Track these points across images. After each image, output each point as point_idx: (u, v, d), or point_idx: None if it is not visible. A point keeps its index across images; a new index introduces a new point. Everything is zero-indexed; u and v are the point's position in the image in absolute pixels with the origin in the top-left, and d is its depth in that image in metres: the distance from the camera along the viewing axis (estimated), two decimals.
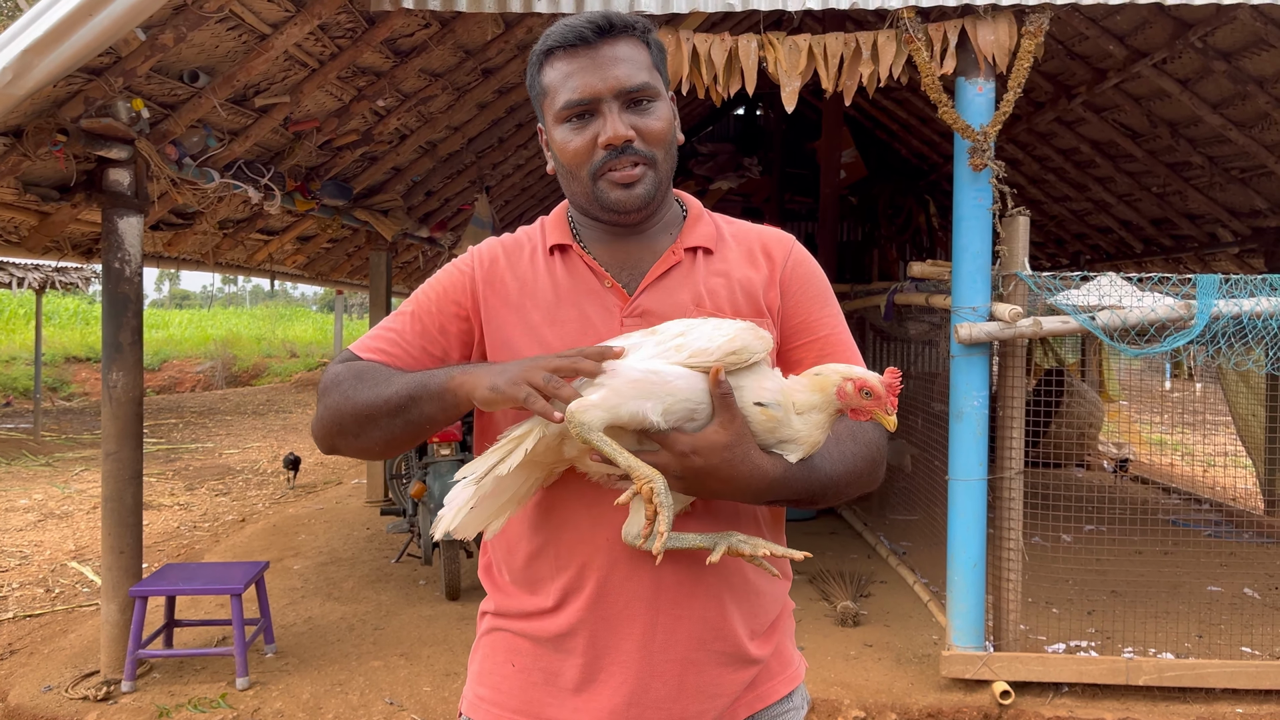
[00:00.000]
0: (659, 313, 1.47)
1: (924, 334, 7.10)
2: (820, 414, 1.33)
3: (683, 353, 1.29)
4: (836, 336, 1.56)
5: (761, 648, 1.53)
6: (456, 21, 5.56)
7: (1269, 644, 4.99)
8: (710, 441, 1.28)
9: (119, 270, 4.48)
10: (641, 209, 1.49)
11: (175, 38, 4.22)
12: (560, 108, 1.47)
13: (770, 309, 1.53)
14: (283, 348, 28.07)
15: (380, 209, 7.84)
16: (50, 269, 12.64)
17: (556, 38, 1.47)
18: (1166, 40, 5.81)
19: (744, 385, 1.31)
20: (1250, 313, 4.24)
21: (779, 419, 1.32)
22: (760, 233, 1.62)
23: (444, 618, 5.45)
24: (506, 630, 1.54)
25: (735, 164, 11.06)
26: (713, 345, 1.28)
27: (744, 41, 4.53)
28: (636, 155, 1.46)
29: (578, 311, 1.50)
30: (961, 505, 4.52)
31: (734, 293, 1.52)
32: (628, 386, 1.25)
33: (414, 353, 1.51)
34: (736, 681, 1.50)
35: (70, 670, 4.63)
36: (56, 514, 8.45)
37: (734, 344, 1.29)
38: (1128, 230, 9.62)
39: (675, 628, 1.45)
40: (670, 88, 1.55)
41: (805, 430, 1.33)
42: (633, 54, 1.47)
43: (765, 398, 1.31)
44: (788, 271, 1.57)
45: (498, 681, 1.53)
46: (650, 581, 1.44)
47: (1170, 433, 10.76)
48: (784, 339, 1.54)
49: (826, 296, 1.59)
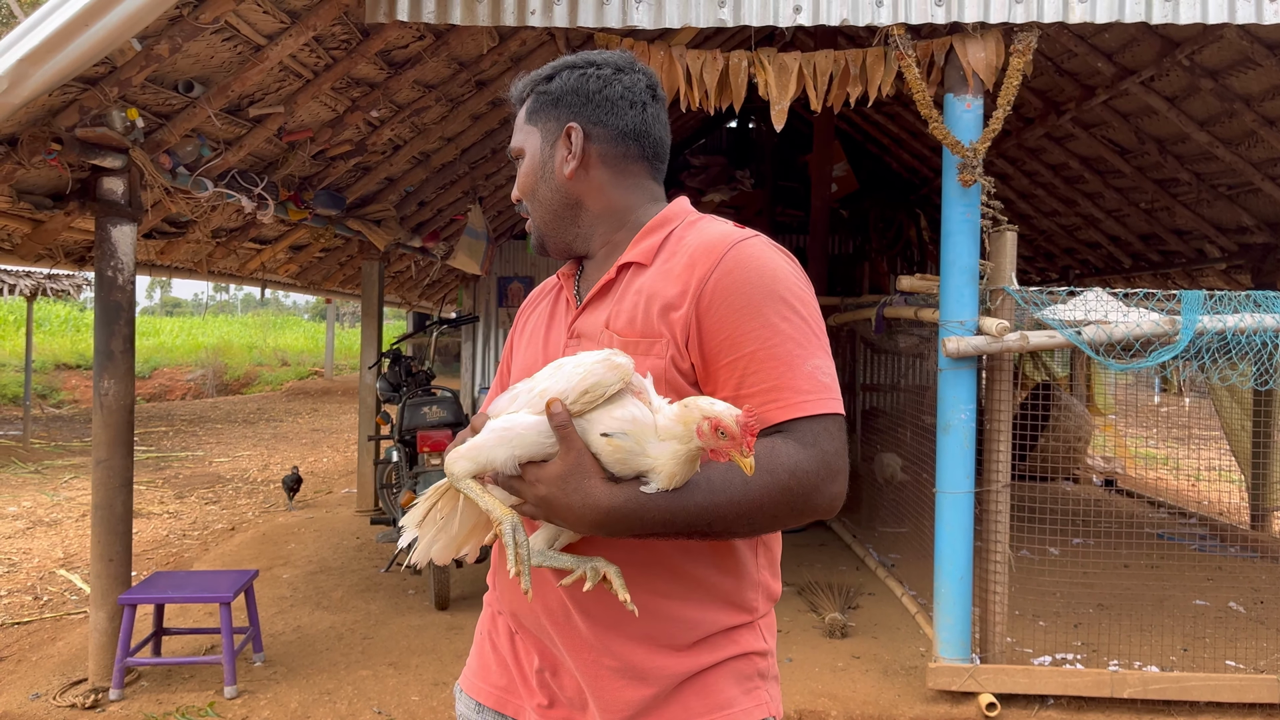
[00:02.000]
0: (587, 333, 1.53)
1: (913, 347, 7.14)
2: (679, 444, 1.28)
3: (543, 399, 1.35)
4: (765, 352, 1.38)
5: (654, 660, 1.46)
6: (451, 34, 5.59)
7: (1253, 658, 5.03)
8: (548, 473, 1.31)
9: (112, 278, 4.50)
10: (539, 250, 1.68)
11: (171, 48, 4.25)
12: None
13: (674, 327, 1.43)
14: (274, 356, 28.02)
15: (373, 219, 7.86)
16: (42, 276, 12.62)
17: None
18: (1154, 58, 5.88)
19: (592, 417, 1.32)
20: (1234, 329, 4.29)
21: (628, 448, 1.29)
22: (698, 242, 1.47)
23: (433, 627, 5.45)
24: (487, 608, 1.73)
25: (727, 176, 11.11)
26: (569, 387, 1.33)
27: (735, 60, 4.58)
28: (523, 209, 1.66)
29: (545, 335, 1.65)
30: (949, 518, 4.55)
31: (636, 312, 1.47)
32: (488, 437, 1.37)
33: None
34: (626, 701, 1.47)
35: (58, 678, 4.62)
36: (45, 521, 8.42)
37: (585, 383, 1.31)
38: (1116, 245, 9.69)
39: (562, 642, 1.52)
40: (565, 119, 1.58)
41: (662, 460, 1.28)
42: (520, 118, 1.66)
43: (611, 427, 1.30)
44: (710, 284, 1.41)
45: (473, 653, 1.74)
46: (541, 601, 1.54)
47: (1159, 447, 10.83)
48: (706, 359, 1.42)
49: (756, 308, 1.39)
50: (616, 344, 1.44)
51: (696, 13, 4.34)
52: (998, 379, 4.67)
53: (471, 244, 8.69)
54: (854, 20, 4.37)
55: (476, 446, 1.37)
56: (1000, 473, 4.59)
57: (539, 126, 1.62)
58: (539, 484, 1.32)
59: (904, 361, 10.35)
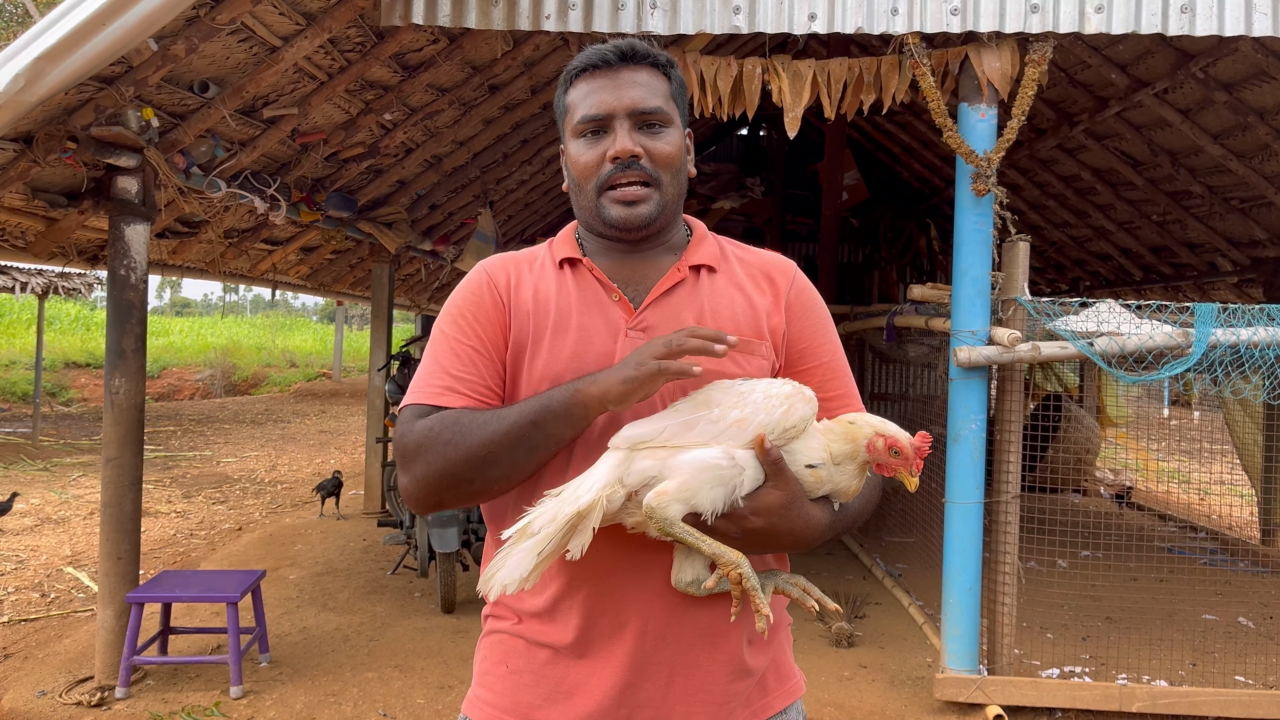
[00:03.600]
0: (662, 328, 1.51)
1: (923, 356, 7.12)
2: (852, 463, 1.42)
3: (746, 432, 1.36)
4: (837, 363, 1.62)
5: (757, 657, 1.54)
6: (465, 38, 5.61)
7: (1262, 673, 4.99)
8: (767, 504, 1.37)
9: (124, 277, 4.51)
10: (643, 228, 1.53)
11: (187, 49, 4.27)
12: (577, 121, 1.54)
13: (773, 332, 1.57)
14: (282, 357, 28.07)
15: (384, 221, 7.88)
16: (54, 274, 12.67)
17: (583, 60, 1.56)
18: (1168, 70, 5.87)
19: (796, 450, 1.40)
20: (1248, 342, 4.27)
21: (824, 476, 1.41)
22: (762, 257, 1.66)
23: (439, 630, 5.45)
24: (503, 632, 1.57)
25: (738, 184, 11.11)
26: (771, 420, 1.37)
27: (749, 67, 4.58)
28: (642, 172, 1.51)
29: (582, 321, 1.52)
30: (957, 528, 4.53)
31: (735, 312, 1.55)
32: (701, 476, 1.34)
33: (489, 384, 1.52)
34: (731, 692, 1.51)
35: (64, 676, 4.63)
36: (53, 519, 8.45)
37: (790, 419, 1.39)
38: (1127, 257, 9.67)
39: (665, 634, 1.47)
40: (687, 122, 1.61)
41: (844, 481, 1.43)
42: (651, 81, 1.54)
43: (815, 459, 1.41)
44: (792, 297, 1.61)
45: (492, 682, 1.56)
46: (645, 587, 1.46)
47: (1168, 460, 10.78)
48: (787, 363, 1.59)
49: (827, 323, 1.64)
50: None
51: (711, 19, 4.35)
52: (1008, 389, 4.66)
53: (480, 248, 8.70)
54: (869, 29, 4.37)
55: (689, 487, 1.33)
56: (1010, 484, 4.58)
57: (678, 111, 1.58)
58: (756, 516, 1.37)
59: (913, 371, 10.34)
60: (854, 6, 4.35)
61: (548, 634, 1.50)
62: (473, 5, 4.39)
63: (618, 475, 1.35)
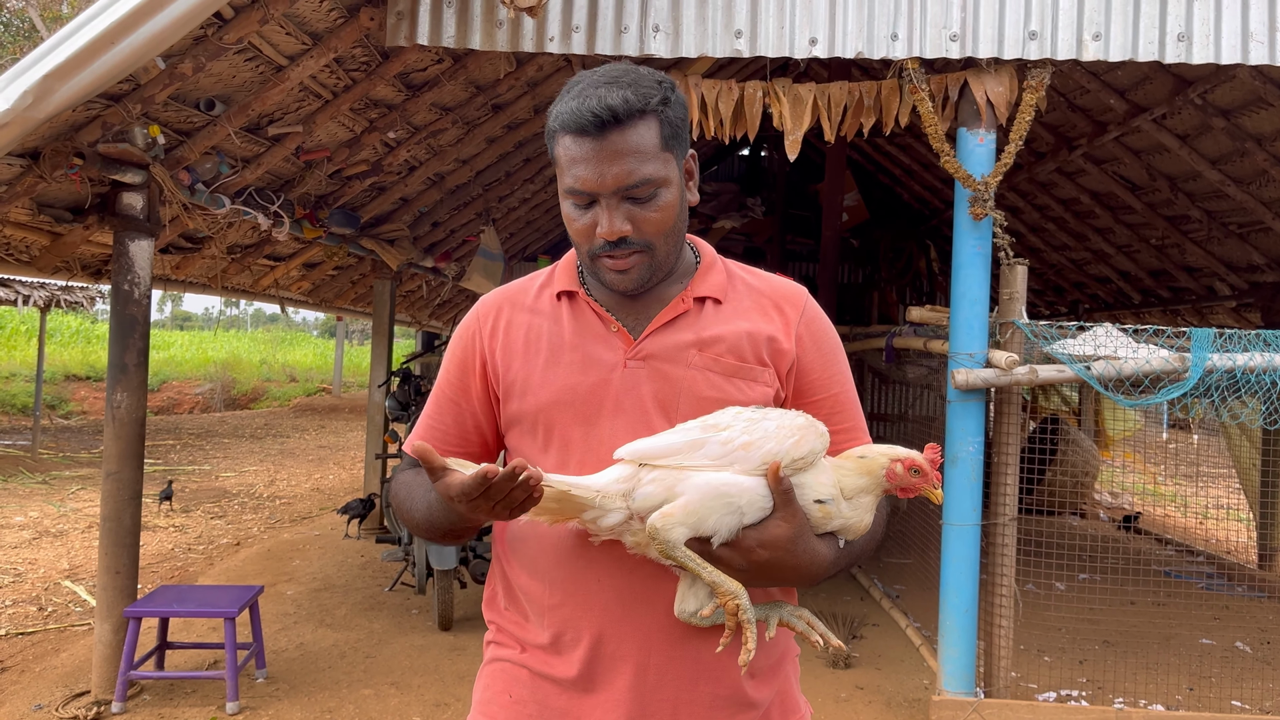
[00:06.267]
0: (662, 356, 1.50)
1: (922, 378, 7.14)
2: (868, 496, 1.42)
3: (753, 456, 1.35)
4: (846, 396, 1.60)
5: (760, 690, 1.52)
6: (469, 58, 5.66)
7: (1259, 699, 4.99)
8: (774, 536, 1.35)
9: (128, 292, 4.54)
10: (636, 290, 1.52)
11: (194, 67, 4.31)
12: (564, 189, 1.48)
13: (778, 360, 1.54)
14: (283, 372, 28.09)
15: (387, 238, 7.92)
16: (56, 288, 12.70)
17: (565, 120, 1.43)
18: (1167, 96, 5.91)
19: (805, 483, 1.39)
20: (1244, 367, 4.29)
21: (833, 512, 1.40)
22: (773, 284, 1.63)
23: (436, 648, 5.44)
24: (507, 661, 1.56)
25: (738, 204, 11.16)
26: (782, 449, 1.36)
27: (750, 91, 4.62)
28: (631, 247, 1.46)
29: (581, 354, 1.52)
30: (955, 550, 4.54)
31: (739, 341, 1.53)
32: (708, 500, 1.32)
33: (457, 433, 1.62)
34: None
35: (61, 689, 4.62)
36: (52, 532, 8.44)
37: (801, 449, 1.37)
38: (1126, 281, 9.70)
39: (667, 668, 1.46)
40: (688, 148, 1.55)
41: (855, 516, 1.42)
42: (640, 142, 1.42)
43: (824, 494, 1.39)
44: (802, 328, 1.58)
45: (495, 711, 1.55)
46: (645, 622, 1.46)
47: (1167, 483, 10.77)
48: (796, 393, 1.56)
49: (837, 354, 1.62)
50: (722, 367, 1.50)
51: (713, 43, 4.39)
52: (1006, 412, 4.68)
53: (488, 265, 8.74)
54: (869, 53, 4.41)
55: (694, 511, 1.31)
56: (1007, 506, 4.59)
57: (675, 154, 1.48)
58: (762, 549, 1.34)
59: (912, 391, 10.34)
60: (854, 31, 4.40)
61: (552, 666, 1.50)
62: (477, 26, 4.44)
63: (624, 489, 1.36)
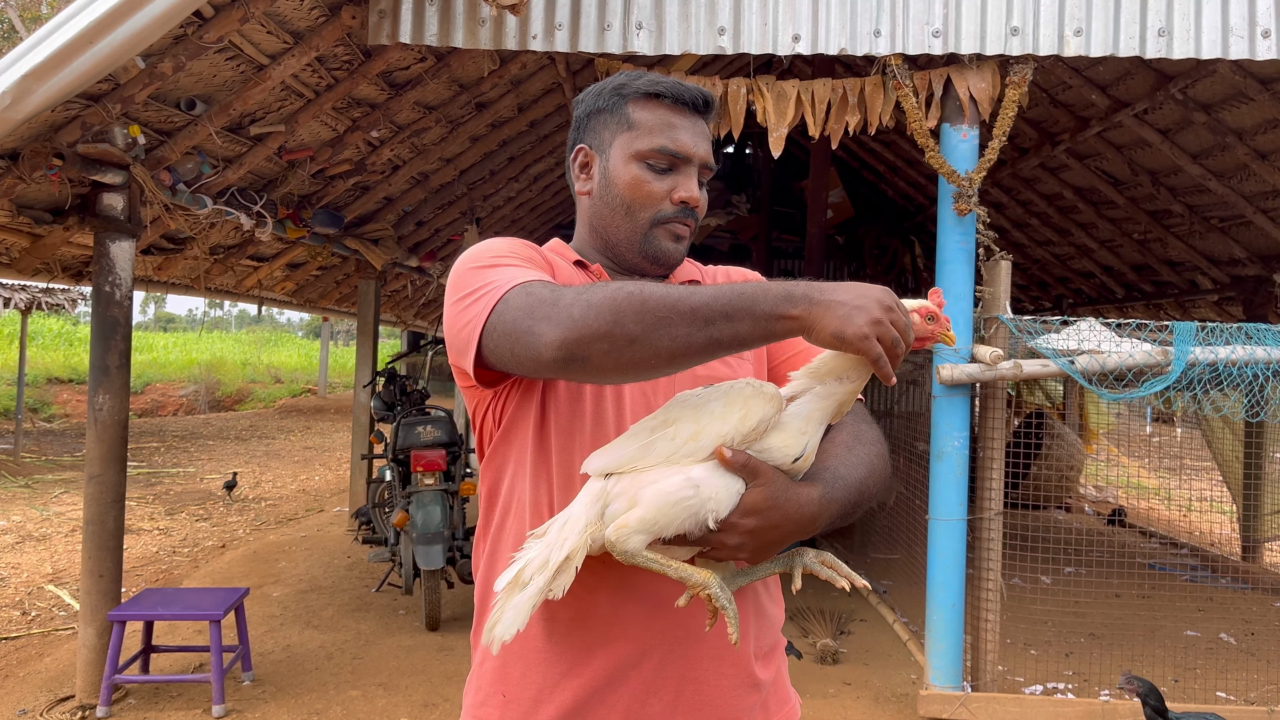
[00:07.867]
0: None
1: (907, 374, 7.16)
2: (851, 384, 1.35)
3: (703, 444, 1.32)
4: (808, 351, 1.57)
5: (765, 669, 1.55)
6: (452, 56, 5.64)
7: (1243, 689, 5.03)
8: (753, 502, 1.32)
9: (109, 294, 4.50)
10: (678, 264, 1.61)
11: (174, 67, 4.28)
12: (649, 148, 1.52)
13: None
14: (267, 373, 27.95)
15: (370, 238, 7.89)
16: (38, 290, 12.60)
17: (666, 88, 1.55)
18: (1148, 91, 5.94)
19: (770, 447, 1.35)
20: (1226, 360, 4.32)
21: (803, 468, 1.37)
22: (729, 270, 1.75)
23: (423, 648, 5.43)
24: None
25: (724, 201, 11.18)
26: (728, 429, 1.32)
27: (734, 87, 4.62)
28: (694, 219, 1.58)
29: None
30: (941, 545, 4.56)
31: None
32: (664, 509, 1.29)
33: None
34: (740, 706, 1.50)
35: (45, 694, 4.59)
36: (34, 536, 8.37)
37: (749, 421, 1.33)
38: (1109, 275, 9.75)
39: (674, 647, 1.45)
40: None
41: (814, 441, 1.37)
42: (708, 134, 1.60)
43: (793, 450, 1.35)
44: None
45: (489, 713, 1.53)
46: (649, 600, 1.45)
47: (1151, 476, 10.85)
48: (770, 356, 1.67)
49: None
50: None
51: (696, 40, 4.39)
52: (991, 406, 4.69)
53: None
54: (852, 50, 4.42)
55: (650, 520, 1.29)
56: (993, 500, 4.61)
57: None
58: (747, 517, 1.32)
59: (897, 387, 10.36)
60: (837, 28, 4.40)
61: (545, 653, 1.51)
62: (460, 24, 4.42)
63: (597, 511, 1.33)
